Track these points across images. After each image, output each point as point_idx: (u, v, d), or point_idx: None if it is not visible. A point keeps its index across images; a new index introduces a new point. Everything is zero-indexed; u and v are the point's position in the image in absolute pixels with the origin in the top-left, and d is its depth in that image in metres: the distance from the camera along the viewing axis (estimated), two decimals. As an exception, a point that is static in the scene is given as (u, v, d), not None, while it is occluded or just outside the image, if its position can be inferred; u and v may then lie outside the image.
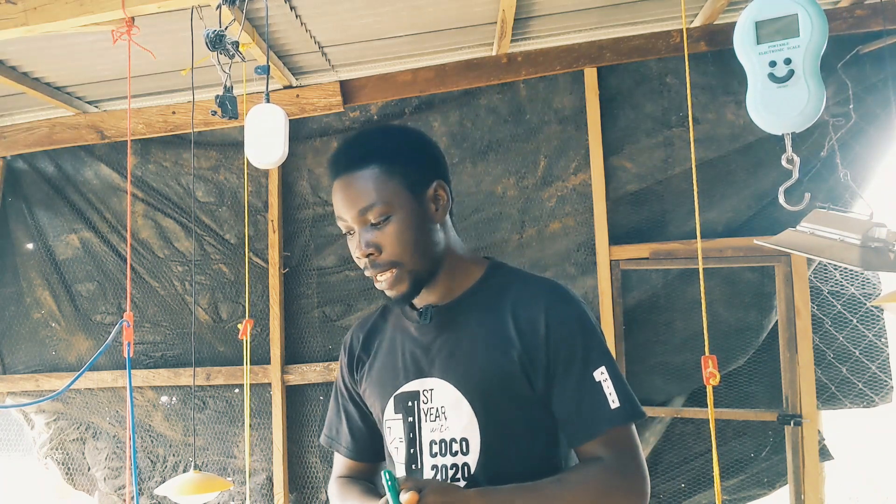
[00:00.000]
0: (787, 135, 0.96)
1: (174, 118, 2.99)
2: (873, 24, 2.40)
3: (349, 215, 1.07)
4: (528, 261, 2.76)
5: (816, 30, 0.90)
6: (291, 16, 2.32)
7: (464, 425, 1.06)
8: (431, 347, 1.12)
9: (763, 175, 2.57)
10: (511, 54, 2.75)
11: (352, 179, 1.07)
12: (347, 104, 2.88)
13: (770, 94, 0.94)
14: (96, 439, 3.09)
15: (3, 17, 2.09)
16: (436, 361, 1.10)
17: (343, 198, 1.08)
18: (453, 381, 1.08)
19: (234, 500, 2.98)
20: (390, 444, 1.14)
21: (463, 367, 1.08)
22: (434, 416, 1.09)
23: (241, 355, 2.90)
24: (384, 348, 1.18)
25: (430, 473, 1.08)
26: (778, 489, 2.58)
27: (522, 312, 1.08)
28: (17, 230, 3.21)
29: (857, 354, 2.49)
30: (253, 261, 2.96)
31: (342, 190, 1.08)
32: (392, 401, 1.12)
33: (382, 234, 1.05)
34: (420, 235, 1.07)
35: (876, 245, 1.46)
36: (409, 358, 1.13)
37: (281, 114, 1.69)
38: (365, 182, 1.06)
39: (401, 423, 1.11)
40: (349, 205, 1.07)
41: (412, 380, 1.11)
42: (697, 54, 2.59)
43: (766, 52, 0.94)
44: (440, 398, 1.09)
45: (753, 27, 0.95)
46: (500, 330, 1.08)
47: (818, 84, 0.91)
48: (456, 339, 1.11)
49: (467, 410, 1.06)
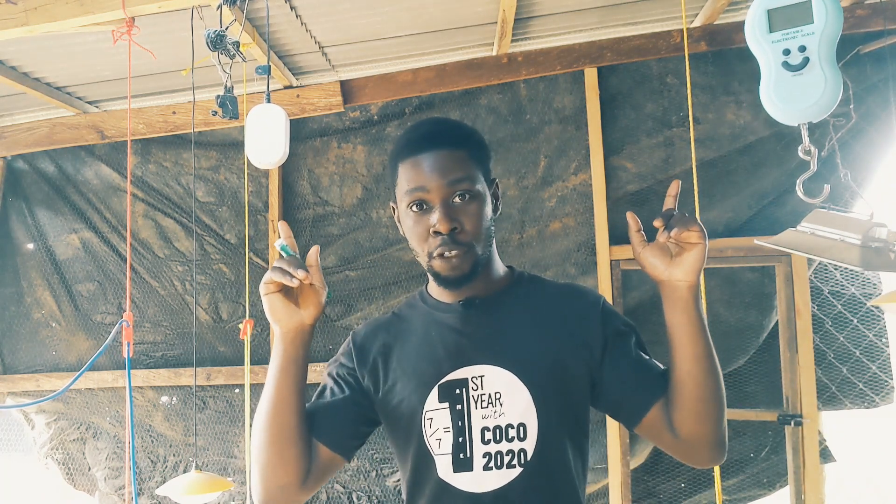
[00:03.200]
0: (804, 125, 0.94)
1: (174, 118, 2.99)
2: (874, 24, 2.40)
3: (436, 184, 1.07)
4: (528, 261, 2.76)
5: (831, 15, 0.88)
6: (292, 16, 2.32)
7: (521, 410, 1.06)
8: (477, 335, 1.11)
9: (763, 175, 2.57)
10: (511, 54, 2.75)
11: (444, 154, 1.09)
12: (348, 104, 2.88)
13: (785, 83, 0.91)
14: (97, 439, 3.09)
15: (4, 17, 2.09)
16: (485, 348, 1.10)
17: (432, 168, 1.08)
18: (509, 366, 1.08)
19: (234, 500, 2.98)
20: (430, 437, 1.10)
21: (518, 353, 1.09)
22: (486, 403, 1.07)
23: (242, 355, 2.90)
24: (414, 343, 1.16)
25: (481, 461, 1.06)
26: (778, 490, 2.58)
27: (571, 306, 1.15)
28: (18, 230, 3.22)
29: (858, 354, 2.49)
30: (253, 261, 2.96)
31: (431, 161, 1.09)
32: (436, 390, 1.10)
33: (465, 212, 1.08)
34: (490, 223, 1.12)
35: (876, 245, 1.45)
36: (451, 347, 1.11)
37: (281, 114, 1.69)
38: (457, 160, 1.09)
39: (447, 413, 1.09)
40: (440, 174, 1.07)
41: (459, 367, 1.10)
42: (698, 54, 2.59)
43: (779, 40, 0.92)
44: (493, 384, 1.08)
45: (766, 15, 0.93)
46: (550, 320, 1.13)
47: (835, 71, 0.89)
48: (505, 327, 1.12)
49: (525, 395, 1.06)
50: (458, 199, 1.08)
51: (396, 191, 1.15)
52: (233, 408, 2.99)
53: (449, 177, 1.07)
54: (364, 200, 2.95)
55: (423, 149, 1.10)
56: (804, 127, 0.94)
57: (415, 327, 1.18)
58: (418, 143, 1.11)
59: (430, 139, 1.11)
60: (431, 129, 1.15)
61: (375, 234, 2.92)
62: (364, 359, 1.18)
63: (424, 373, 1.11)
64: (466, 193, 1.08)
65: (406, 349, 1.16)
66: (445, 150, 1.09)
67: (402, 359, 1.15)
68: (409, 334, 1.17)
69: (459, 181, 1.07)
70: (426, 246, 1.09)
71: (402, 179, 1.11)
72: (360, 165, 2.95)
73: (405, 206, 1.11)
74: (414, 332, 1.17)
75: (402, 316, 1.22)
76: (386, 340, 1.19)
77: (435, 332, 1.15)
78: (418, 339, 1.16)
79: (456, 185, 1.07)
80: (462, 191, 1.07)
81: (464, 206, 1.08)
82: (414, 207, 1.09)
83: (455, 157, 1.09)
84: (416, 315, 1.20)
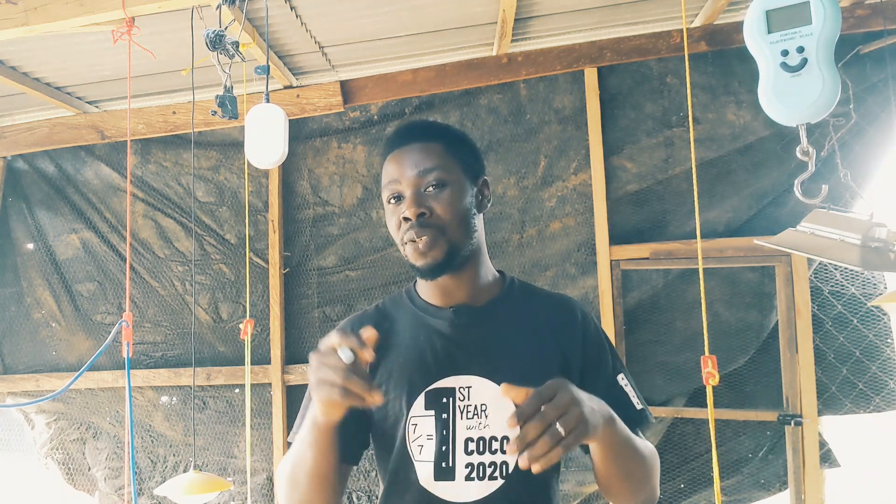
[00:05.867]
0: (802, 126, 0.94)
1: (174, 118, 2.99)
2: (874, 24, 2.40)
3: (407, 175, 1.09)
4: (528, 261, 2.76)
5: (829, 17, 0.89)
6: (291, 16, 2.32)
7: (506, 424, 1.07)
8: (468, 345, 1.11)
9: (763, 175, 2.57)
10: (511, 54, 2.75)
11: (416, 148, 1.11)
12: (347, 104, 2.88)
13: (783, 84, 0.92)
14: (96, 439, 3.09)
15: (4, 17, 2.09)
16: (475, 359, 1.10)
17: (403, 161, 1.11)
18: (497, 379, 1.07)
19: (234, 500, 2.98)
20: (413, 442, 1.11)
21: (507, 366, 1.09)
22: (472, 414, 1.08)
23: (241, 355, 2.90)
24: (402, 345, 1.15)
25: (464, 471, 1.07)
26: (776, 492, 2.57)
27: (558, 319, 1.15)
28: (18, 230, 3.22)
29: (858, 355, 2.49)
30: (253, 261, 2.96)
31: (404, 155, 1.11)
32: (423, 397, 1.10)
33: (435, 199, 1.09)
34: (465, 212, 1.11)
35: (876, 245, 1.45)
36: (441, 354, 1.11)
37: (281, 114, 1.69)
38: (429, 151, 1.11)
39: (432, 420, 1.09)
40: (410, 166, 1.10)
41: (446, 376, 1.10)
42: (698, 54, 2.59)
43: (777, 41, 0.92)
44: (480, 396, 1.08)
45: (764, 16, 0.94)
46: (538, 334, 1.13)
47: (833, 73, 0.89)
48: (495, 339, 1.12)
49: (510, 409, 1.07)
50: (430, 189, 1.09)
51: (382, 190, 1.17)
52: (232, 408, 2.99)
53: (420, 167, 1.09)
54: (364, 200, 2.95)
55: (399, 144, 1.13)
56: (802, 128, 0.95)
57: (402, 328, 1.17)
58: (395, 140, 1.15)
59: (405, 135, 1.14)
60: (409, 125, 1.17)
61: (375, 234, 2.92)
62: None
63: (412, 378, 1.11)
64: (438, 183, 1.09)
65: (394, 351, 1.15)
66: (418, 143, 1.12)
67: (390, 361, 1.14)
68: (396, 335, 1.17)
69: (430, 171, 1.09)
70: (399, 235, 1.11)
71: (384, 174, 1.15)
72: (360, 165, 2.95)
73: (385, 201, 1.14)
74: (401, 333, 1.17)
75: (387, 313, 1.21)
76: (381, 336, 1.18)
77: (424, 336, 1.14)
78: (406, 341, 1.15)
79: (427, 175, 1.09)
80: (434, 180, 1.09)
81: (435, 195, 1.09)
82: (392, 200, 1.12)
83: (428, 149, 1.11)
84: (403, 315, 1.19)
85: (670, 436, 2.63)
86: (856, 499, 5.38)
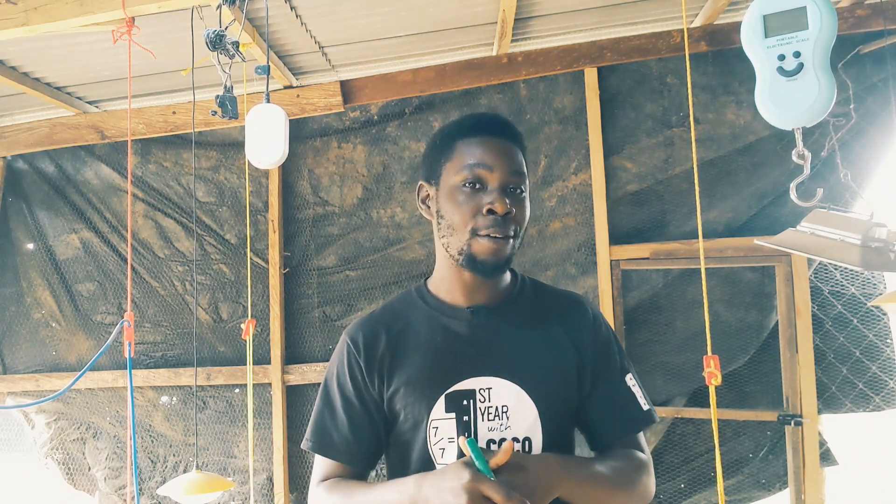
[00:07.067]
0: (798, 130, 0.95)
1: (174, 118, 2.99)
2: (874, 24, 2.40)
3: (503, 169, 1.08)
4: (528, 260, 2.76)
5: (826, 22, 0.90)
6: (292, 16, 2.32)
7: (528, 426, 1.07)
8: (486, 346, 1.11)
9: (763, 175, 2.58)
10: (511, 54, 2.75)
11: (509, 146, 1.12)
12: (347, 104, 2.88)
13: (779, 88, 0.93)
14: (97, 439, 3.09)
15: (4, 17, 2.09)
16: (495, 360, 1.10)
17: (498, 152, 1.09)
18: (518, 380, 1.08)
19: (234, 500, 2.98)
20: (434, 445, 1.09)
21: (527, 367, 1.09)
22: (493, 416, 1.08)
23: (242, 355, 2.91)
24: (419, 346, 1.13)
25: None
26: (777, 492, 2.57)
27: (570, 320, 1.16)
28: (18, 230, 3.22)
29: (858, 355, 2.49)
30: (253, 261, 2.96)
31: (498, 146, 1.10)
32: (443, 399, 1.09)
33: (518, 203, 1.10)
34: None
35: (876, 245, 1.45)
36: (460, 356, 1.10)
37: (281, 114, 1.69)
38: (517, 155, 1.12)
39: (453, 423, 1.08)
40: (508, 160, 1.09)
41: (466, 378, 1.09)
42: (698, 54, 2.59)
43: (774, 45, 0.93)
44: (501, 397, 1.08)
45: (761, 20, 0.94)
46: (554, 335, 1.14)
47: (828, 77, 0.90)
48: (514, 341, 1.12)
49: (532, 410, 1.07)
50: (514, 190, 1.10)
51: (445, 167, 1.12)
52: (233, 408, 2.99)
53: (514, 166, 1.10)
54: (364, 200, 2.95)
55: (495, 133, 1.12)
56: (798, 131, 0.96)
57: (417, 329, 1.15)
58: (490, 126, 1.13)
59: (502, 127, 1.13)
60: (503, 120, 1.16)
61: (375, 234, 2.92)
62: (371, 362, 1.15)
63: (432, 380, 1.10)
64: (521, 188, 1.11)
65: (411, 353, 1.13)
66: (514, 143, 1.13)
67: (407, 363, 1.12)
68: (411, 336, 1.15)
69: (520, 174, 1.11)
70: (472, 223, 1.07)
71: (464, 154, 1.10)
72: (360, 165, 2.95)
73: (458, 181, 1.09)
74: (417, 334, 1.14)
75: (398, 313, 1.19)
76: (388, 340, 1.15)
77: (441, 337, 1.13)
78: (423, 343, 1.13)
79: (517, 177, 1.10)
80: (521, 184, 1.10)
81: (517, 198, 1.10)
82: (468, 184, 1.08)
83: (517, 151, 1.13)
84: (417, 315, 1.17)
85: (670, 436, 2.63)
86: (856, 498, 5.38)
